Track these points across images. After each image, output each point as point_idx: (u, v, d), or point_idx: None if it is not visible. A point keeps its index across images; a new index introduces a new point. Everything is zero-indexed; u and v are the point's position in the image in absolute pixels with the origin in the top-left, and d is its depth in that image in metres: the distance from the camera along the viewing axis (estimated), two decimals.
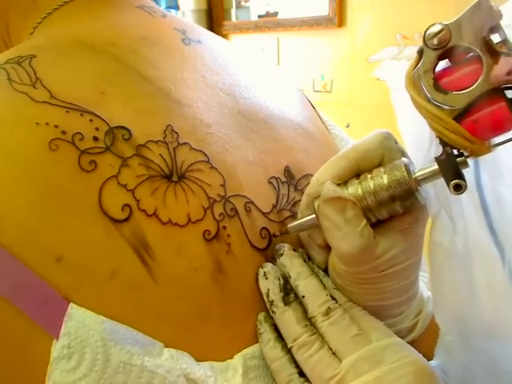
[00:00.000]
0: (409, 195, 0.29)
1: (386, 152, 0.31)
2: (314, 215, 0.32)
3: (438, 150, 0.29)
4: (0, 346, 0.25)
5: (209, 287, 0.29)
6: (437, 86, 0.28)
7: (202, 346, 0.29)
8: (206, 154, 0.32)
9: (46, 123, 0.28)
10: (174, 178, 0.30)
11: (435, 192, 0.31)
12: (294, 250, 0.33)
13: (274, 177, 0.35)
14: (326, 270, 0.34)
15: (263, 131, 0.36)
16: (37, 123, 0.28)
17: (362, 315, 0.31)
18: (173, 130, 0.31)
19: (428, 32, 0.27)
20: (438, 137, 0.28)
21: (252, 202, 0.33)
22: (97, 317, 0.26)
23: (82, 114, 0.29)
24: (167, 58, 0.36)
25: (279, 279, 0.32)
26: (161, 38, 0.37)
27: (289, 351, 0.31)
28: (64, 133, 0.28)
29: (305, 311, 0.31)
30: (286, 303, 0.31)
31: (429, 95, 0.28)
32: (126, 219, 0.28)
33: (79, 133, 0.28)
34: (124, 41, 0.35)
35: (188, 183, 0.30)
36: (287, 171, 0.36)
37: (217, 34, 0.45)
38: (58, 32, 0.36)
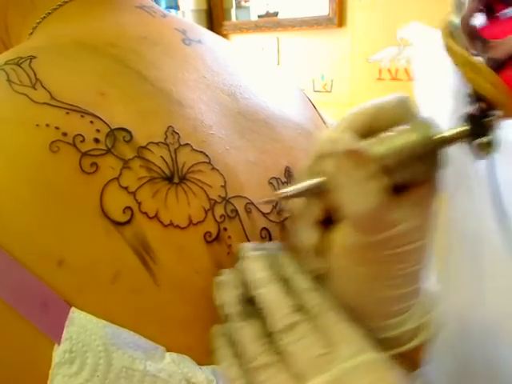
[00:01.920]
0: (432, 155, 0.27)
1: (406, 112, 0.28)
2: (318, 179, 0.28)
3: (464, 115, 0.27)
4: (0, 350, 0.25)
5: (210, 289, 0.29)
6: (476, 35, 0.26)
7: (204, 350, 0.29)
8: (207, 155, 0.31)
9: (47, 125, 0.28)
10: (175, 180, 0.30)
11: (454, 169, 0.29)
12: (257, 251, 0.30)
13: (274, 177, 0.35)
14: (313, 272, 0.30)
15: (264, 131, 0.36)
16: (37, 125, 0.28)
17: (335, 323, 0.27)
18: (174, 131, 0.31)
19: None
20: (471, 90, 0.26)
21: (252, 203, 0.32)
22: (98, 321, 0.26)
23: (82, 116, 0.29)
24: (168, 59, 0.35)
25: (238, 288, 0.28)
26: (161, 39, 0.37)
27: None
28: (65, 134, 0.28)
29: (266, 324, 0.28)
30: (243, 317, 0.28)
31: (467, 43, 0.26)
32: (128, 222, 0.27)
33: (80, 134, 0.28)
34: (124, 41, 0.35)
35: (189, 185, 0.30)
36: (288, 172, 0.36)
37: (217, 33, 0.44)
38: (57, 32, 0.36)
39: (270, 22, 2.06)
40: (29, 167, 0.27)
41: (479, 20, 0.26)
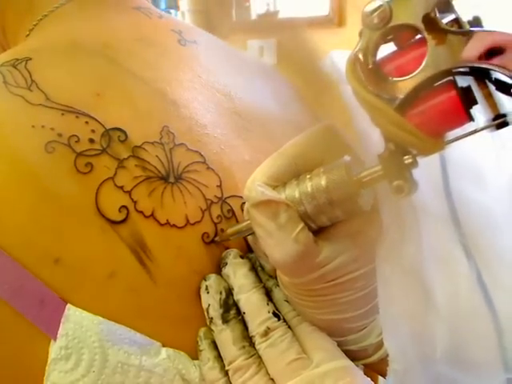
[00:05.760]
0: (349, 199, 0.25)
1: (328, 149, 0.27)
2: (241, 226, 0.29)
3: (377, 156, 0.25)
4: None
5: None
6: (376, 72, 0.24)
7: None
8: (202, 155, 0.32)
9: (42, 126, 0.28)
10: (171, 179, 0.30)
11: (386, 203, 0.27)
12: (241, 257, 0.31)
13: None
14: None
15: (259, 131, 0.36)
16: (33, 126, 0.28)
17: (309, 333, 0.29)
18: (169, 130, 0.31)
19: (366, 9, 0.23)
20: (381, 132, 0.24)
21: None
22: (94, 318, 0.26)
23: (77, 117, 0.29)
24: (163, 59, 0.36)
25: (221, 293, 0.29)
26: (157, 40, 0.37)
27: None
28: (60, 135, 0.28)
29: (247, 328, 0.29)
30: (225, 321, 0.29)
31: (367, 82, 0.23)
32: (124, 220, 0.28)
33: (75, 135, 0.28)
34: (120, 42, 0.35)
35: (185, 184, 0.30)
36: None
37: (216, 34, 0.45)
38: (53, 34, 0.36)
39: (269, 21, 2.06)
40: (25, 168, 0.27)
41: (387, 49, 0.24)
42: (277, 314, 0.29)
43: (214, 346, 0.29)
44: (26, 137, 0.28)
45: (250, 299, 0.29)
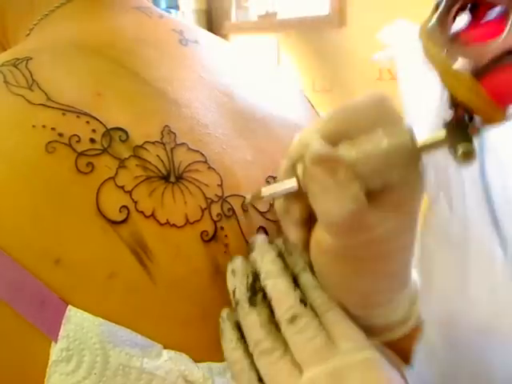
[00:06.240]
0: (408, 163, 0.25)
1: (381, 114, 0.27)
2: (294, 179, 0.28)
3: (443, 121, 0.25)
4: None
5: (207, 288, 0.29)
6: (455, 38, 0.24)
7: (200, 347, 0.29)
8: (203, 155, 0.32)
9: (43, 126, 0.28)
10: (172, 179, 0.30)
11: (435, 174, 0.27)
12: (268, 242, 0.31)
13: (271, 176, 0.35)
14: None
15: (261, 131, 0.36)
16: (33, 126, 0.28)
17: (337, 320, 0.28)
18: (170, 130, 0.31)
19: None
20: (450, 96, 0.25)
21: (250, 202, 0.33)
22: (95, 319, 0.26)
23: (78, 116, 0.29)
24: (164, 59, 0.36)
25: (248, 277, 0.29)
26: (158, 39, 0.37)
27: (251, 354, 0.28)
28: (61, 135, 0.28)
29: (273, 313, 0.28)
30: (252, 304, 0.28)
31: (445, 46, 0.24)
32: (124, 221, 0.28)
33: (76, 135, 0.28)
34: (121, 42, 0.35)
35: (186, 184, 0.30)
36: None
37: (216, 34, 0.45)
38: (54, 34, 0.36)
39: (269, 21, 2.07)
40: (25, 168, 0.27)
41: (463, 20, 0.25)
42: (304, 301, 0.28)
43: (238, 327, 0.29)
44: (26, 137, 0.28)
45: (277, 285, 0.28)
